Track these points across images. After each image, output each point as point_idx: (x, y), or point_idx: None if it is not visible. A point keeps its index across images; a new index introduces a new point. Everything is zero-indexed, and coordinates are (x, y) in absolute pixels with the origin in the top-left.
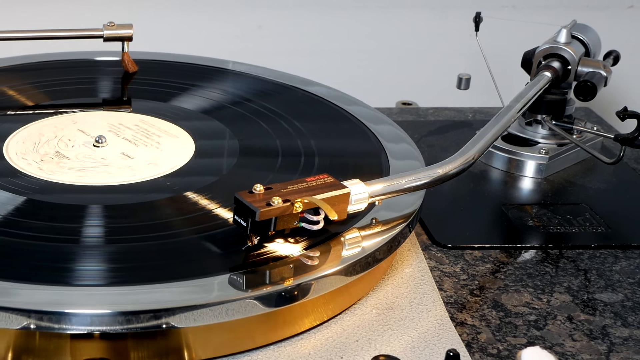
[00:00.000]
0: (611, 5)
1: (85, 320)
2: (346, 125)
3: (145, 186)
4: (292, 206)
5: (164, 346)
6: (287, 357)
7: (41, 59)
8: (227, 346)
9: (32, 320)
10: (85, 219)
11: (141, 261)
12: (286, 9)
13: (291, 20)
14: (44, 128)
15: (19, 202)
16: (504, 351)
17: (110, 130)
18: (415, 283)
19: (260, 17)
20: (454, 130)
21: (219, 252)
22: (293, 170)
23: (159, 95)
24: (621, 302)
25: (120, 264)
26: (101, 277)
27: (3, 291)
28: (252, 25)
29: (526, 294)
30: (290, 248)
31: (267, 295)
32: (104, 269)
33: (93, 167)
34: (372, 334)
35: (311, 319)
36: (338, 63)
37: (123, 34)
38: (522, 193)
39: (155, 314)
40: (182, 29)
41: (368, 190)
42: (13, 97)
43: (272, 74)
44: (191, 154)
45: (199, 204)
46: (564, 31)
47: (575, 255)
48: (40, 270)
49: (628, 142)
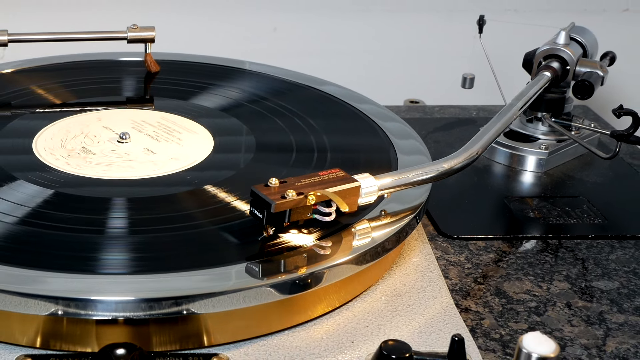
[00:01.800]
0: (607, 9)
1: (110, 307)
2: (357, 122)
3: (167, 180)
4: (306, 199)
5: (185, 331)
6: (301, 341)
7: (69, 60)
8: (244, 331)
9: (60, 307)
10: (110, 211)
11: (163, 251)
12: (299, 13)
13: (304, 23)
14: (71, 125)
15: (47, 194)
16: (506, 336)
17: (134, 127)
18: (422, 271)
19: (275, 20)
20: (458, 127)
21: (236, 242)
22: (306, 165)
23: (179, 94)
24: (617, 289)
25: (143, 253)
26: (125, 266)
27: (32, 279)
28: (268, 27)
29: (527, 282)
30: (303, 238)
31: (282, 283)
32: (128, 258)
33: (117, 162)
34: (382, 319)
35: (323, 306)
36: (349, 63)
37: (146, 36)
38: (523, 186)
39: (176, 301)
40: (202, 31)
41: (377, 183)
42: (42, 96)
43: (286, 73)
44: (210, 149)
45: (218, 197)
46: (562, 33)
47: (574, 245)
48: (68, 259)
49: (623, 138)
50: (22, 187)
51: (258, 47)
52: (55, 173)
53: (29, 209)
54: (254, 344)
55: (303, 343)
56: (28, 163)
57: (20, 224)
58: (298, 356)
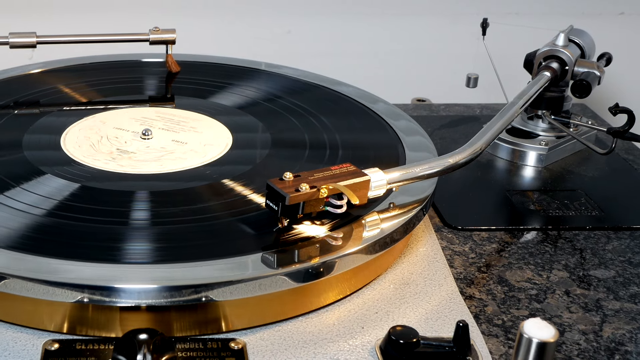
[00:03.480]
0: (604, 12)
1: (133, 295)
2: (367, 119)
3: (187, 174)
4: (318, 192)
5: (204, 317)
6: (314, 327)
7: (94, 60)
8: (260, 317)
9: (86, 295)
10: (133, 204)
11: (183, 241)
12: (312, 16)
13: (317, 25)
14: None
15: (73, 188)
16: (508, 322)
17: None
18: (428, 261)
19: (290, 23)
20: (463, 124)
21: (252, 233)
22: (319, 160)
23: (199, 93)
24: (613, 278)
25: (164, 243)
26: (148, 255)
27: (59, 268)
28: (283, 30)
29: (528, 271)
30: (316, 229)
31: (296, 272)
32: (150, 249)
33: (164, 156)
34: (390, 306)
35: (335, 293)
36: (359, 64)
37: (167, 38)
38: (524, 180)
39: (196, 289)
40: (220, 33)
41: (386, 177)
42: (69, 94)
43: (300, 73)
44: (228, 145)
45: (235, 190)
46: (561, 35)
47: (572, 236)
48: (94, 249)
49: (619, 135)
50: (49, 181)
51: (273, 48)
52: (80, 167)
53: (57, 202)
54: (269, 329)
55: (316, 328)
56: (56, 158)
57: (48, 215)
58: (311, 341)
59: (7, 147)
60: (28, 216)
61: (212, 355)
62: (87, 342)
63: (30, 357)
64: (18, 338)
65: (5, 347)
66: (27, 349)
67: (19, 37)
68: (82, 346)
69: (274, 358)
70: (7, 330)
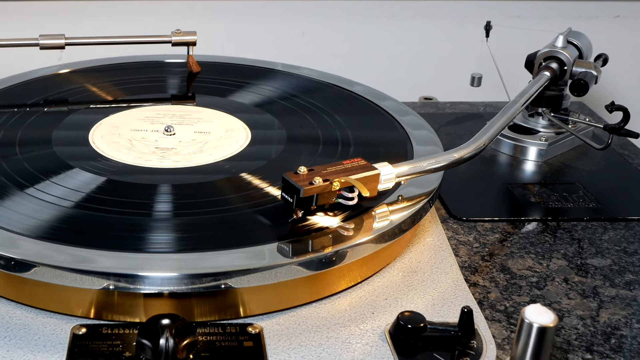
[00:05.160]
0: (601, 15)
1: (156, 282)
2: (377, 116)
3: (207, 168)
4: (331, 185)
5: (223, 303)
6: (326, 312)
7: (119, 61)
8: (276, 303)
9: (112, 282)
10: (157, 196)
11: (204, 231)
12: (326, 19)
13: (329, 28)
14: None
15: (100, 181)
16: (510, 308)
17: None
18: (435, 250)
19: (304, 25)
20: (468, 121)
21: (269, 224)
22: (332, 155)
23: (218, 92)
24: (609, 266)
25: (186, 234)
26: (170, 245)
27: (87, 257)
28: (297, 32)
29: (529, 260)
30: (329, 220)
31: (310, 261)
32: (173, 239)
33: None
34: (399, 293)
35: (347, 281)
36: (370, 64)
37: (188, 40)
38: (525, 174)
39: (215, 277)
40: (238, 35)
41: (395, 171)
42: (95, 93)
43: (314, 73)
44: (245, 141)
45: (252, 183)
46: (560, 37)
47: (570, 226)
48: (119, 239)
49: (615, 131)
50: (77, 175)
51: (289, 49)
52: (107, 162)
53: (84, 194)
54: (284, 314)
55: (328, 314)
56: (84, 153)
57: (76, 207)
58: (324, 325)
59: (38, 143)
60: (57, 208)
61: (230, 339)
62: (113, 327)
63: (59, 341)
64: (48, 323)
65: (36, 331)
66: (56, 333)
67: (49, 39)
68: (108, 330)
69: (289, 342)
70: (37, 315)
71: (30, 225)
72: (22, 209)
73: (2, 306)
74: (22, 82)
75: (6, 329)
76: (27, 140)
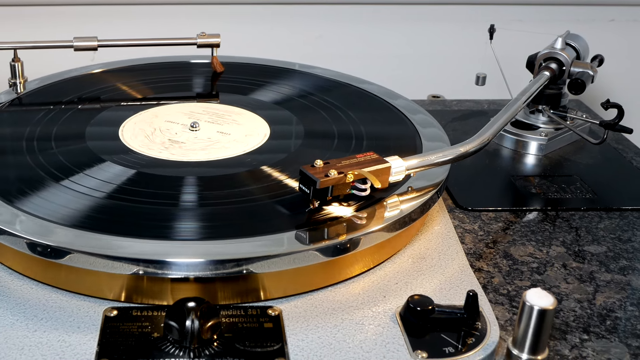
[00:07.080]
0: (597, 19)
1: (182, 267)
2: (388, 113)
3: (230, 162)
4: (345, 177)
5: (244, 287)
6: (341, 296)
7: (148, 61)
8: (294, 287)
9: (141, 267)
10: (183, 188)
11: (227, 220)
12: (340, 22)
13: (344, 31)
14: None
15: (130, 174)
16: (512, 292)
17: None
18: (442, 238)
19: (321, 28)
20: (473, 118)
21: (287, 213)
22: (346, 149)
23: (240, 90)
24: (605, 253)
25: (210, 222)
26: (196, 233)
27: (118, 244)
28: (314, 34)
29: (530, 247)
30: (343, 210)
31: (326, 248)
32: (198, 227)
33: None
34: (408, 278)
35: (360, 266)
36: (382, 64)
37: (212, 42)
38: (526, 167)
39: (237, 263)
40: (259, 38)
41: (405, 164)
42: (126, 92)
43: (330, 73)
44: (266, 136)
45: (272, 176)
46: (559, 39)
47: (569, 216)
48: (149, 228)
49: (610, 127)
50: (109, 168)
51: (306, 51)
52: (136, 156)
53: (115, 186)
54: (302, 298)
55: (343, 297)
56: (115, 147)
57: (108, 198)
58: (339, 308)
59: (72, 138)
60: (90, 198)
61: (252, 320)
62: (142, 309)
63: (92, 322)
64: (81, 306)
65: (70, 313)
66: (89, 315)
67: (82, 41)
68: (137, 313)
69: (307, 323)
70: (71, 299)
71: (65, 214)
72: (57, 200)
73: (40, 290)
74: (57, 81)
75: (43, 311)
76: (62, 135)
